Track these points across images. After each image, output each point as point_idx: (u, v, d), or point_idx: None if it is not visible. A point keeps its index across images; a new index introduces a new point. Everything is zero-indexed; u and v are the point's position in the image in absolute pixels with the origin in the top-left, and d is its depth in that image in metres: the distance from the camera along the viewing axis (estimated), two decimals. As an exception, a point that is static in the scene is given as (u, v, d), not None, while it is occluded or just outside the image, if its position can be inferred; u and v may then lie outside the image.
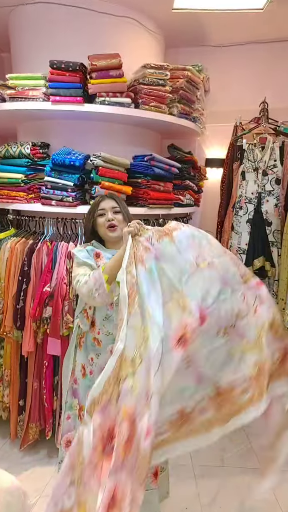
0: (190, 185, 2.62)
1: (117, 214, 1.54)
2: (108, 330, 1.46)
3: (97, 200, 1.57)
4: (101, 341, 1.46)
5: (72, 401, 1.54)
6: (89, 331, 1.51)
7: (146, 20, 2.49)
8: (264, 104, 2.66)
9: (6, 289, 2.14)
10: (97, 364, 1.45)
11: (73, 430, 1.51)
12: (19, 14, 2.40)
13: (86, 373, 1.49)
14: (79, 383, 1.52)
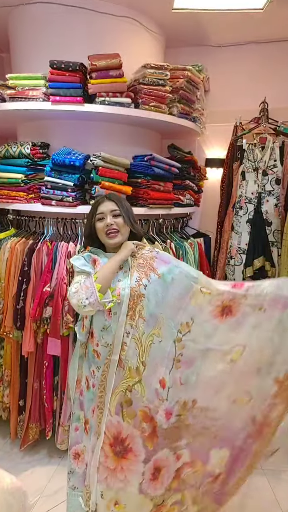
0: (190, 185, 2.62)
1: (117, 217, 1.41)
2: (107, 341, 1.33)
3: (96, 202, 1.45)
4: (100, 353, 1.35)
5: (79, 413, 1.45)
6: (89, 343, 1.41)
7: (146, 20, 2.49)
8: (264, 104, 2.66)
9: (6, 289, 2.14)
10: (98, 377, 1.35)
11: (80, 443, 1.44)
12: (19, 14, 2.40)
13: (89, 386, 1.40)
14: (84, 395, 1.43)
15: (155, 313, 1.29)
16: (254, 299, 1.20)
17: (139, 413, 1.23)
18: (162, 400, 1.23)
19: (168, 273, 1.32)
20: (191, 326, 1.26)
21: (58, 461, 2.17)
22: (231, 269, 2.65)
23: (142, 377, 1.24)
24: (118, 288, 1.33)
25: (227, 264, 2.67)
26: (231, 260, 2.65)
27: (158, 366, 1.26)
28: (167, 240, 2.34)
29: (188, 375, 1.26)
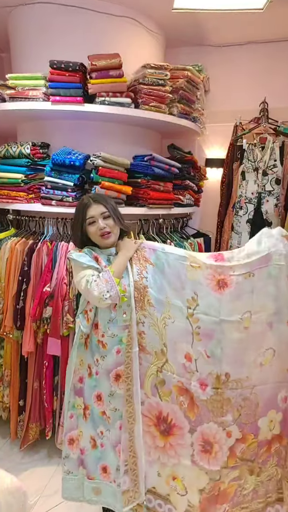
0: (190, 185, 2.62)
1: (107, 219, 1.44)
2: (113, 333, 1.41)
3: (82, 206, 1.44)
4: (106, 343, 1.42)
5: (74, 400, 1.50)
6: (93, 333, 1.46)
7: (146, 20, 2.49)
8: (264, 104, 2.66)
9: (6, 289, 2.14)
10: (102, 366, 1.42)
11: (76, 429, 1.49)
12: (19, 14, 2.40)
13: (92, 373, 1.46)
14: (85, 382, 1.49)
15: (160, 299, 1.39)
16: (241, 268, 1.31)
17: (174, 389, 1.33)
18: (192, 372, 1.32)
19: (158, 259, 1.42)
20: (197, 300, 1.34)
21: (58, 461, 2.17)
22: (231, 269, 2.64)
23: (167, 357, 1.35)
24: (124, 284, 1.39)
25: (227, 264, 2.67)
26: (231, 260, 2.65)
27: (178, 344, 1.35)
28: (167, 240, 2.33)
29: (212, 348, 1.32)
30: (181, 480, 1.32)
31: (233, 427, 1.28)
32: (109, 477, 1.44)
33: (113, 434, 1.43)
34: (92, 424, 1.47)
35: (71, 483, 1.51)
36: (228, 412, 1.28)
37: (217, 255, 1.39)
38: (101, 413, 1.45)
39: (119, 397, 1.40)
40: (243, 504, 1.29)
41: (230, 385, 1.28)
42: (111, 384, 1.42)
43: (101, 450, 1.45)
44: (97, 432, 1.46)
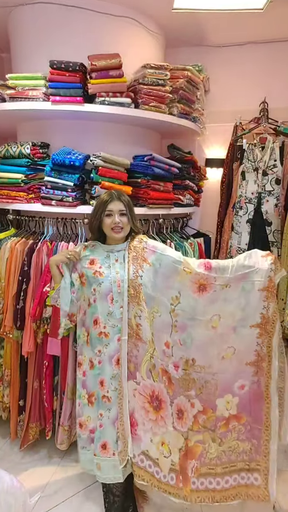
0: (190, 185, 2.62)
1: (123, 216, 1.63)
2: (114, 323, 1.61)
3: (106, 199, 1.63)
4: (109, 333, 1.61)
5: (81, 391, 1.70)
6: (92, 329, 1.65)
7: (146, 20, 2.49)
8: (264, 104, 2.66)
9: (6, 289, 2.14)
10: (106, 353, 1.61)
11: (82, 416, 1.70)
12: (19, 14, 2.40)
13: (95, 364, 1.65)
14: (87, 375, 1.68)
15: (152, 295, 1.60)
16: (222, 280, 1.56)
17: (160, 371, 1.59)
18: (169, 357, 1.59)
19: (156, 260, 1.61)
20: (179, 298, 1.58)
21: (58, 461, 2.17)
22: (231, 269, 2.65)
23: (155, 345, 1.59)
24: (118, 280, 1.60)
25: (227, 264, 2.68)
26: (231, 260, 2.65)
27: (161, 333, 1.60)
28: (167, 240, 2.34)
29: (185, 338, 1.59)
30: (167, 444, 1.58)
31: (195, 400, 1.60)
32: (108, 451, 1.60)
33: (113, 411, 1.61)
34: (97, 407, 1.65)
35: (86, 456, 1.69)
36: (192, 388, 1.59)
37: (206, 263, 1.59)
38: (102, 397, 1.62)
39: (119, 377, 1.60)
40: (210, 466, 1.59)
41: (195, 368, 1.59)
42: (113, 368, 1.61)
43: (100, 430, 1.62)
44: (97, 414, 1.64)
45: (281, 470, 2.12)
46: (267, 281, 1.53)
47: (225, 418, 1.60)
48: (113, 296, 1.61)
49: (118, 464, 1.57)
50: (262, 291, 1.54)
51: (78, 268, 1.68)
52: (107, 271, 1.62)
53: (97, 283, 1.62)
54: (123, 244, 1.68)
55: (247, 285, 1.55)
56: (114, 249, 1.67)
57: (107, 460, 1.60)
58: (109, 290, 1.61)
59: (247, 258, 1.59)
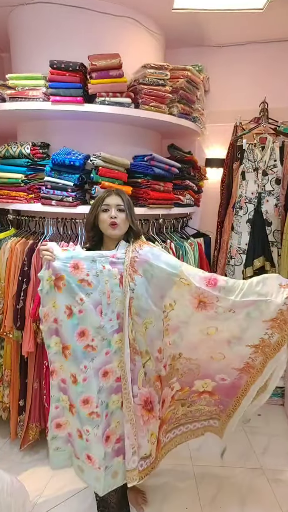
0: (190, 185, 2.62)
1: (121, 212, 1.50)
2: (103, 337, 1.46)
3: (103, 194, 1.53)
4: (97, 346, 1.46)
5: (59, 395, 1.53)
6: (76, 343, 1.46)
7: (146, 20, 2.49)
8: (264, 104, 2.66)
9: (6, 289, 2.14)
10: (92, 367, 1.46)
11: (62, 417, 1.54)
12: (19, 14, 2.40)
13: (78, 381, 1.47)
14: (69, 386, 1.51)
15: (144, 307, 1.46)
16: (225, 303, 1.44)
17: (153, 378, 1.53)
18: (161, 361, 1.54)
19: (147, 272, 1.46)
20: (174, 306, 1.48)
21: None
22: (231, 269, 2.65)
23: (150, 355, 1.50)
24: (107, 290, 1.45)
25: (227, 264, 2.68)
26: (231, 260, 2.65)
27: (155, 341, 1.52)
28: (167, 240, 2.34)
29: (175, 339, 1.53)
30: (155, 435, 1.56)
31: (175, 383, 1.61)
32: (94, 464, 1.49)
33: (102, 425, 1.47)
34: (78, 420, 1.50)
35: (61, 457, 1.57)
36: (174, 376, 1.60)
37: (210, 279, 1.46)
38: (89, 414, 1.47)
39: (105, 391, 1.48)
40: (175, 422, 1.69)
41: (181, 360, 1.57)
42: (99, 380, 1.47)
43: (86, 444, 1.50)
44: (83, 428, 1.49)
45: (281, 470, 2.13)
46: (277, 313, 1.42)
47: (198, 392, 1.66)
48: (102, 308, 1.44)
49: (101, 478, 1.47)
50: (268, 322, 1.44)
51: (56, 267, 1.42)
52: (96, 280, 1.44)
53: (84, 293, 1.43)
54: (113, 251, 1.51)
55: (254, 313, 1.44)
56: (102, 253, 1.49)
57: (91, 469, 1.50)
58: (98, 302, 1.44)
59: (260, 284, 1.44)
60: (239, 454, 2.22)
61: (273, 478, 2.06)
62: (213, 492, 1.96)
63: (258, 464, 2.16)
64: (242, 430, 2.42)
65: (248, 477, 2.06)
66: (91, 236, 1.57)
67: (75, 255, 1.46)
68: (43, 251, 1.44)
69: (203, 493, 1.96)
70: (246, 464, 2.15)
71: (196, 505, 1.89)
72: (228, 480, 2.04)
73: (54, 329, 1.48)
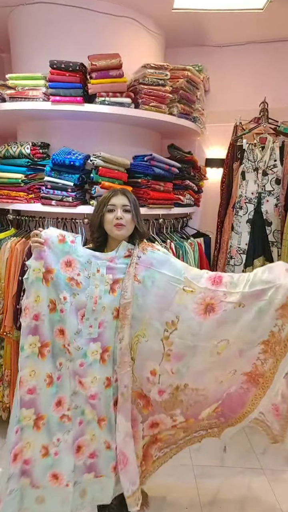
0: (190, 185, 2.62)
1: (127, 213, 1.44)
2: (79, 346, 1.38)
3: (109, 194, 1.47)
4: (72, 353, 1.39)
5: (20, 413, 1.37)
6: (55, 340, 1.40)
7: (146, 20, 2.49)
8: (264, 104, 2.66)
9: (6, 289, 2.14)
10: (69, 367, 1.40)
11: (21, 442, 1.37)
12: (19, 14, 2.40)
13: (53, 381, 1.40)
14: (39, 393, 1.39)
15: (138, 316, 1.38)
16: (233, 297, 1.31)
17: (133, 394, 1.41)
18: (154, 384, 1.40)
19: (148, 278, 1.39)
20: (177, 324, 1.35)
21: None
22: (231, 269, 2.64)
23: (133, 369, 1.40)
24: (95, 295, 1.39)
25: (227, 264, 2.67)
26: (231, 260, 2.65)
27: (146, 361, 1.39)
28: (167, 240, 2.34)
29: (179, 367, 1.38)
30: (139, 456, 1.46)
31: (179, 416, 1.45)
32: (60, 482, 1.38)
33: (73, 431, 1.41)
34: (47, 433, 1.40)
35: (12, 502, 1.35)
36: (177, 408, 1.42)
37: (216, 277, 1.38)
38: (60, 418, 1.40)
39: (81, 396, 1.40)
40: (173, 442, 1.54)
41: (186, 391, 1.40)
42: (76, 384, 1.40)
43: (54, 458, 1.39)
44: (52, 440, 1.39)
45: (281, 470, 2.13)
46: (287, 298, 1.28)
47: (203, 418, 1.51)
48: (85, 312, 1.38)
49: (69, 497, 1.37)
50: (278, 310, 1.29)
51: (48, 258, 1.36)
52: (86, 282, 1.38)
53: (70, 293, 1.37)
54: (112, 253, 1.46)
55: (265, 305, 1.30)
56: (99, 256, 1.44)
57: (56, 491, 1.37)
58: (82, 305, 1.38)
59: (266, 272, 1.33)
60: (239, 454, 2.22)
61: (273, 478, 2.06)
62: (213, 492, 1.96)
63: (258, 464, 2.16)
64: (242, 430, 2.42)
65: (248, 477, 2.06)
66: (96, 237, 1.51)
67: (71, 250, 1.39)
68: (34, 238, 1.37)
69: (203, 493, 1.96)
70: (246, 464, 2.15)
71: (196, 505, 1.89)
72: (228, 480, 2.04)
73: (32, 327, 1.37)
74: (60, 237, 1.38)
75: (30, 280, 1.35)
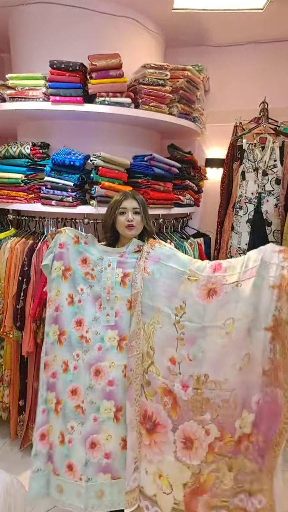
0: (190, 185, 2.62)
1: (137, 215, 1.61)
2: (97, 330, 1.53)
3: (120, 197, 1.62)
4: (90, 339, 1.53)
5: (47, 395, 1.56)
6: (73, 331, 1.55)
7: (146, 20, 2.49)
8: (264, 104, 2.66)
9: (6, 289, 2.14)
10: (84, 360, 1.52)
11: (47, 424, 1.54)
12: (19, 14, 2.40)
13: (69, 369, 1.53)
14: (58, 377, 1.55)
15: (151, 305, 1.48)
16: (232, 278, 1.38)
17: (159, 390, 1.41)
18: (176, 375, 1.40)
19: (157, 270, 1.51)
20: (184, 308, 1.43)
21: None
22: (231, 269, 2.64)
23: (153, 359, 1.44)
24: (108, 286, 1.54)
25: (227, 264, 2.67)
26: (231, 260, 2.65)
27: (165, 348, 1.43)
28: (167, 240, 2.34)
29: (194, 352, 1.40)
30: (166, 477, 1.37)
31: (211, 425, 1.34)
32: (75, 474, 1.47)
33: (87, 426, 1.48)
34: (62, 419, 1.51)
35: (39, 482, 1.51)
36: (206, 411, 1.35)
37: (216, 265, 1.46)
38: (75, 407, 1.50)
39: (97, 391, 1.48)
40: (223, 498, 1.31)
41: (208, 385, 1.36)
42: (91, 378, 1.50)
43: (68, 447, 1.49)
44: (67, 427, 1.50)
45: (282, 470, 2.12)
46: (280, 278, 1.29)
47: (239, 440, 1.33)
48: (102, 302, 1.54)
49: (82, 492, 1.43)
50: (274, 289, 1.29)
51: (66, 258, 1.57)
52: (99, 275, 1.56)
53: (87, 285, 1.56)
54: (122, 248, 1.61)
55: (258, 280, 1.32)
56: (111, 252, 1.60)
57: (72, 483, 1.46)
58: (98, 295, 1.54)
59: (256, 253, 1.39)
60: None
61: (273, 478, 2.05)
62: (213, 492, 1.96)
63: None
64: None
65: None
66: (109, 236, 1.67)
67: (85, 249, 1.60)
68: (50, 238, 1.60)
69: (203, 493, 1.96)
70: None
71: None
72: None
73: (54, 317, 1.56)
74: (75, 238, 1.61)
75: (52, 277, 1.57)
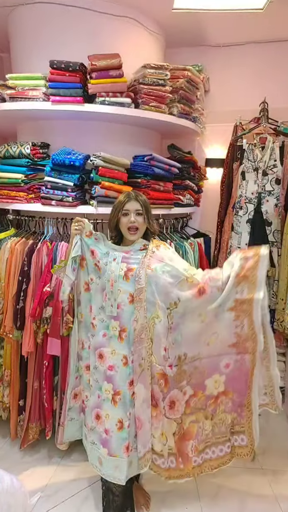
0: (190, 185, 2.62)
1: (139, 216, 1.67)
2: (102, 318, 1.66)
3: (123, 199, 1.68)
4: (96, 325, 1.68)
5: (79, 364, 1.79)
6: (88, 315, 1.73)
7: (146, 20, 2.49)
8: (264, 104, 2.66)
9: (6, 289, 2.14)
10: (91, 343, 1.71)
11: (79, 386, 1.80)
12: (19, 14, 2.40)
13: (85, 347, 1.75)
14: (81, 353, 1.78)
15: (152, 300, 1.59)
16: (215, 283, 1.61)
17: (157, 375, 1.61)
18: (167, 359, 1.61)
19: (160, 269, 1.61)
20: (178, 304, 1.59)
21: (58, 461, 2.17)
22: (231, 269, 2.64)
23: (152, 350, 1.60)
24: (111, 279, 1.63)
25: (227, 264, 2.68)
26: (231, 260, 2.65)
27: (161, 338, 1.59)
28: (167, 240, 2.33)
29: (175, 337, 1.61)
30: (164, 433, 1.64)
31: (187, 387, 1.65)
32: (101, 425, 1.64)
33: (92, 400, 1.70)
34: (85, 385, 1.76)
35: (73, 426, 1.81)
36: (183, 379, 1.65)
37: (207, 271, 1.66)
38: (88, 380, 1.73)
39: (100, 372, 1.65)
40: (206, 440, 1.70)
41: (186, 361, 1.64)
42: (95, 359, 1.67)
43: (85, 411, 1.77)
44: (86, 394, 1.75)
45: (281, 470, 2.13)
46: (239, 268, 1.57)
47: (214, 396, 1.69)
48: (106, 293, 1.64)
49: (122, 465, 1.59)
50: (235, 278, 1.58)
51: (81, 250, 1.71)
52: (104, 268, 1.66)
53: (96, 275, 1.69)
54: (128, 247, 1.69)
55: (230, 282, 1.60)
56: (118, 249, 1.69)
57: (110, 459, 1.60)
58: (104, 286, 1.65)
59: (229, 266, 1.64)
60: (239, 454, 2.23)
61: (273, 478, 2.06)
62: (213, 492, 1.97)
63: (258, 464, 2.16)
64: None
65: (248, 477, 2.06)
66: (114, 236, 1.77)
67: (94, 244, 1.72)
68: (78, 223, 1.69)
69: (203, 493, 1.96)
70: (246, 464, 2.15)
71: (196, 505, 1.89)
72: (228, 480, 2.04)
73: (78, 300, 1.78)
74: (88, 232, 1.73)
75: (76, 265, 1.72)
